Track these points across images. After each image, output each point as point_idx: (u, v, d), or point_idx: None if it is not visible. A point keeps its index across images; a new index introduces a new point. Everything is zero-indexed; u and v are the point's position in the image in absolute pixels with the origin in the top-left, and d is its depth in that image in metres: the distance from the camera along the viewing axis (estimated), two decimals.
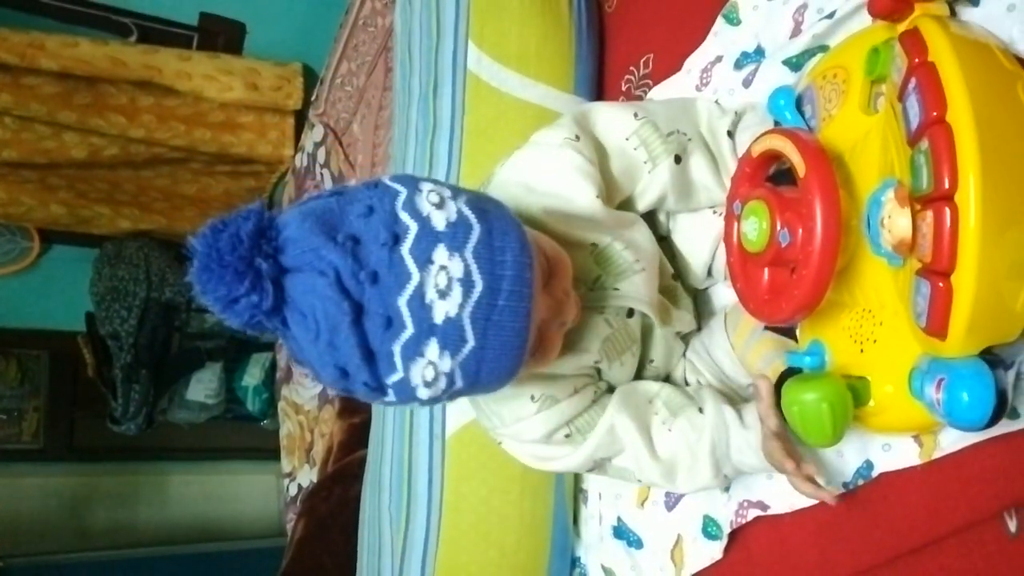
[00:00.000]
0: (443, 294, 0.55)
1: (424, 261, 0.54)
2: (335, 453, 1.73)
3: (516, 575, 1.02)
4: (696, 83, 0.95)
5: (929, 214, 0.51)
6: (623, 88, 1.12)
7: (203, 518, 3.02)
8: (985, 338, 0.53)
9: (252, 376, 2.71)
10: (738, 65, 0.89)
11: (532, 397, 0.72)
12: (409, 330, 0.54)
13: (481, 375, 0.58)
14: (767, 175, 0.71)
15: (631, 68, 1.10)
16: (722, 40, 0.92)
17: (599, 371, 0.77)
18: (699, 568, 0.89)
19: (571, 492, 1.07)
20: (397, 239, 0.55)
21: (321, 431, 2.03)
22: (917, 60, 0.53)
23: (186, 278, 0.55)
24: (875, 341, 0.63)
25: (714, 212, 0.82)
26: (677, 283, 0.84)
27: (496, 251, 0.57)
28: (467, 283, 0.55)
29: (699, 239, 0.83)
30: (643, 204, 0.80)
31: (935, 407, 0.54)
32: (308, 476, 2.04)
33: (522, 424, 0.73)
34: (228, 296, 0.53)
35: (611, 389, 0.78)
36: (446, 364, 0.56)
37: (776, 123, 0.74)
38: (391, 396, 0.57)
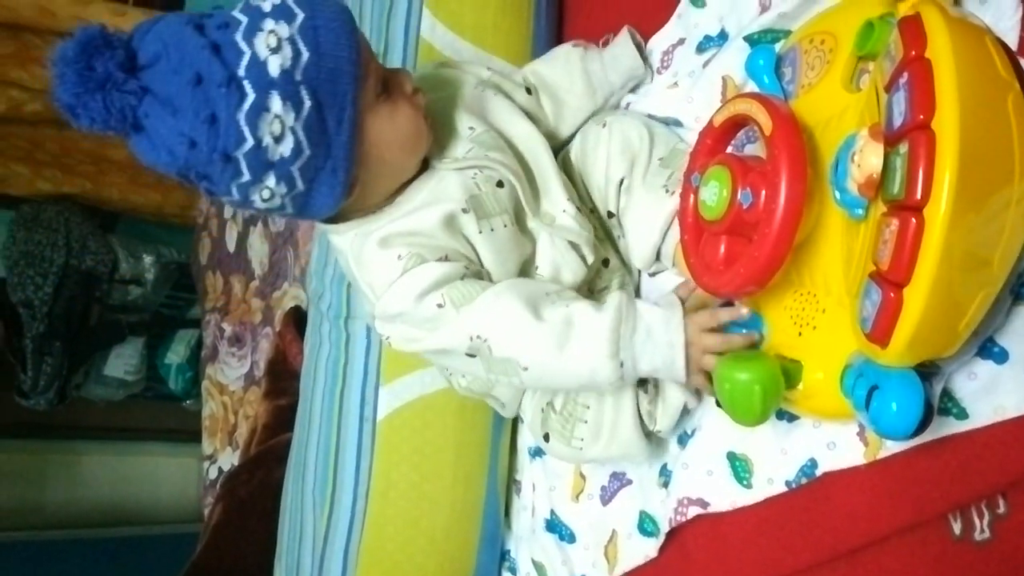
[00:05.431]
0: None
1: None
2: (259, 435, 1.66)
3: (443, 563, 0.99)
4: (656, 66, 0.93)
5: (895, 221, 0.49)
6: None
7: (117, 501, 2.88)
8: (925, 353, 0.53)
9: (176, 354, 2.59)
10: (700, 49, 0.87)
11: (399, 256, 0.72)
12: (243, 22, 0.64)
13: (321, 44, 0.65)
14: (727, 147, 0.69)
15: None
16: (685, 22, 0.90)
17: (475, 250, 0.76)
18: (633, 566, 0.86)
19: (504, 481, 1.04)
20: None
21: (246, 413, 1.96)
22: (914, 53, 0.50)
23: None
24: (815, 327, 0.63)
25: (668, 192, 0.81)
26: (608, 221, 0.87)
27: None
28: None
29: (650, 218, 0.82)
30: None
31: (862, 410, 0.54)
32: (230, 459, 1.96)
33: (392, 289, 0.72)
34: (82, 55, 0.59)
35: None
36: (284, 29, 0.64)
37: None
38: (249, 90, 0.62)
